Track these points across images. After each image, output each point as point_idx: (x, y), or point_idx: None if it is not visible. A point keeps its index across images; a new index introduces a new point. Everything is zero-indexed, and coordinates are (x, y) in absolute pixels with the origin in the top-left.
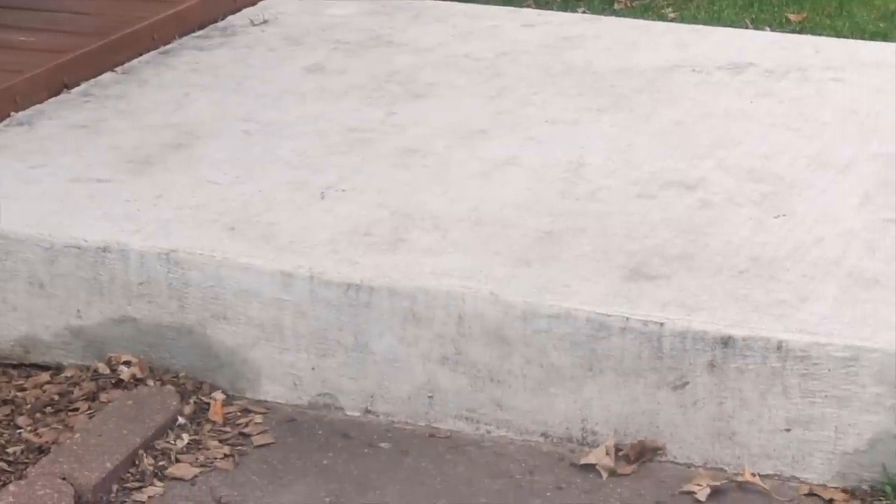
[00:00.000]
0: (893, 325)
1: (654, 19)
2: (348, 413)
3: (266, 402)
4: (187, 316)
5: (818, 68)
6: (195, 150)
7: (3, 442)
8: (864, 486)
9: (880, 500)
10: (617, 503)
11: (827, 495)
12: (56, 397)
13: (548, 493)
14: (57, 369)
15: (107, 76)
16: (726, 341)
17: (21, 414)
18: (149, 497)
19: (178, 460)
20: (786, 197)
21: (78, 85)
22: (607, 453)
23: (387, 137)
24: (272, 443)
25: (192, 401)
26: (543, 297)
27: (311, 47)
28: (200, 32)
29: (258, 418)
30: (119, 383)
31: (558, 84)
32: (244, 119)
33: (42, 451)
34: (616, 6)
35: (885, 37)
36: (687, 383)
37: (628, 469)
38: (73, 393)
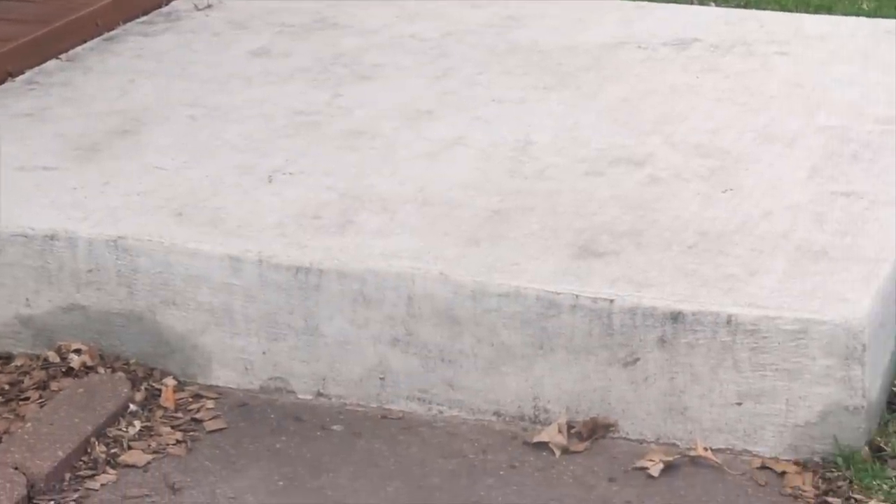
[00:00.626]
0: (842, 297)
1: None
2: (300, 396)
3: (217, 387)
4: (136, 303)
5: (763, 42)
6: (141, 136)
7: None
8: (816, 459)
9: (832, 471)
10: (570, 480)
11: (779, 468)
12: (6, 387)
13: (501, 472)
14: (6, 359)
15: (51, 64)
16: (676, 316)
17: None
18: (101, 485)
19: (130, 447)
20: (733, 171)
21: (22, 73)
22: (560, 431)
23: (333, 120)
24: (224, 428)
25: (143, 387)
26: (493, 276)
27: (256, 31)
28: (144, 18)
29: (210, 403)
30: (69, 371)
31: (504, 63)
32: (190, 104)
33: None
34: None
35: (829, 10)
36: (638, 359)
37: (581, 446)
38: (23, 382)
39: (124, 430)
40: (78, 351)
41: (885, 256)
